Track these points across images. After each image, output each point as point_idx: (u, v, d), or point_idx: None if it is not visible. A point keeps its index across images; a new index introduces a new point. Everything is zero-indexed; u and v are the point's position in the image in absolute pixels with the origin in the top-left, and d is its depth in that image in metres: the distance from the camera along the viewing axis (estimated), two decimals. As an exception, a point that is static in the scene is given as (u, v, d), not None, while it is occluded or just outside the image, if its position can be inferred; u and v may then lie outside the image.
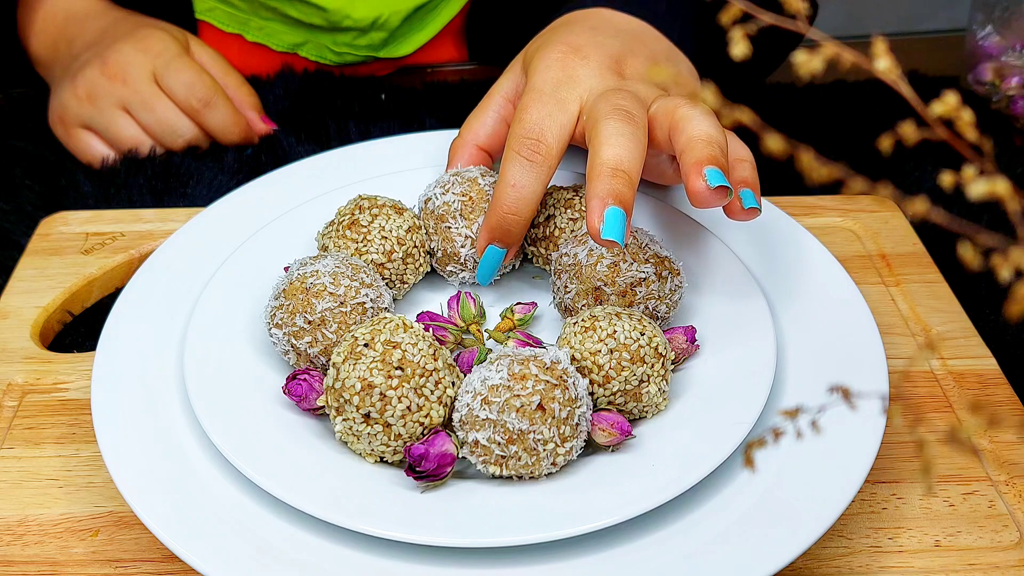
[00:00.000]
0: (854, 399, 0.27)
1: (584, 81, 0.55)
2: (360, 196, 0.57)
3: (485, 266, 0.55)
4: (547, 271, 0.58)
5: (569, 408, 0.45)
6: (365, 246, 0.55)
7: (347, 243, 0.55)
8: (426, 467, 0.45)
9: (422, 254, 0.57)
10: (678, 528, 0.44)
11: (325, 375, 0.49)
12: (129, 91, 0.72)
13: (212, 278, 0.56)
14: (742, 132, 0.48)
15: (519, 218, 0.53)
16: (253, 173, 0.70)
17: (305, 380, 0.49)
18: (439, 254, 0.57)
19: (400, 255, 0.55)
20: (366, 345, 0.46)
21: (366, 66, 0.86)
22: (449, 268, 0.57)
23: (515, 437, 0.44)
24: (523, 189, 0.52)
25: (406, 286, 0.57)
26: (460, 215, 0.56)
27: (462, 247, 0.56)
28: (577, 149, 0.66)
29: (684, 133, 0.49)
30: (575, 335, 0.49)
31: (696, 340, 0.52)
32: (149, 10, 0.78)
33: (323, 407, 0.48)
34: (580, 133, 0.54)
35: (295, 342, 0.50)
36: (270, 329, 0.51)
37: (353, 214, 0.56)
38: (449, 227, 0.56)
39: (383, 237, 0.55)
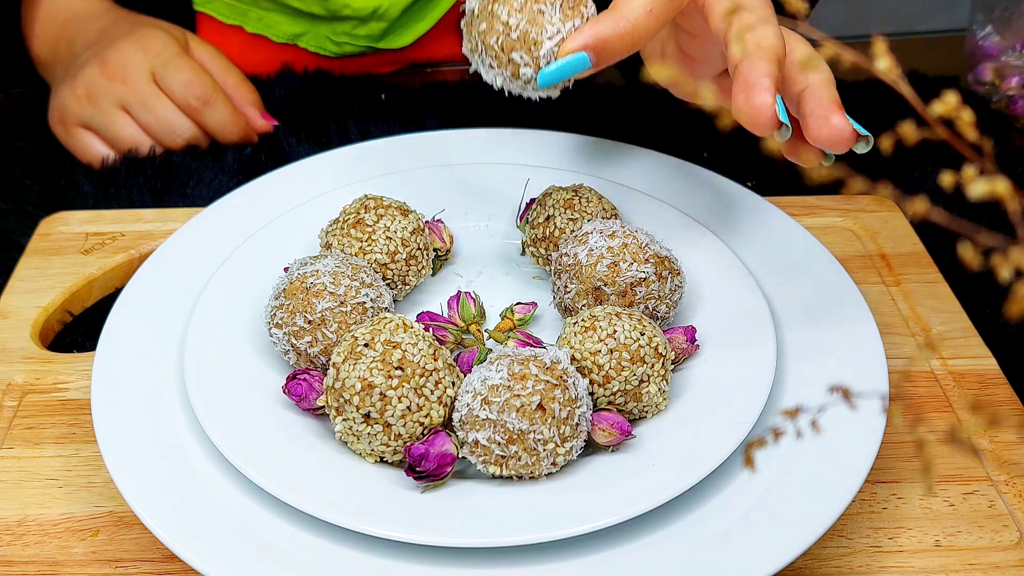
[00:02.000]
0: (854, 399, 0.27)
1: None
2: (366, 196, 0.57)
3: (561, 70, 0.49)
4: (547, 271, 0.58)
5: (569, 408, 0.45)
6: (370, 245, 0.55)
7: (351, 241, 0.55)
8: (426, 467, 0.45)
9: (425, 256, 0.57)
10: (678, 528, 0.44)
11: (325, 375, 0.49)
12: (128, 91, 0.72)
13: (212, 278, 0.56)
14: (742, 132, 0.48)
15: (631, 42, 0.48)
16: (253, 173, 0.70)
17: (305, 380, 0.49)
18: (512, 35, 0.49)
19: (404, 256, 0.55)
20: (366, 345, 0.46)
21: (366, 58, 0.86)
22: (514, 55, 0.49)
23: (515, 437, 0.44)
24: (654, 18, 0.48)
25: (407, 287, 0.57)
26: (562, 7, 0.49)
27: (549, 38, 0.49)
28: (567, 145, 0.66)
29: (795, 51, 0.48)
30: (575, 335, 0.49)
31: (696, 340, 0.52)
32: (149, 3, 0.78)
33: (323, 407, 0.48)
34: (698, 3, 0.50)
35: (295, 342, 0.50)
36: (270, 329, 0.51)
37: (358, 213, 0.56)
38: (543, 10, 0.49)
39: (388, 238, 0.55)
